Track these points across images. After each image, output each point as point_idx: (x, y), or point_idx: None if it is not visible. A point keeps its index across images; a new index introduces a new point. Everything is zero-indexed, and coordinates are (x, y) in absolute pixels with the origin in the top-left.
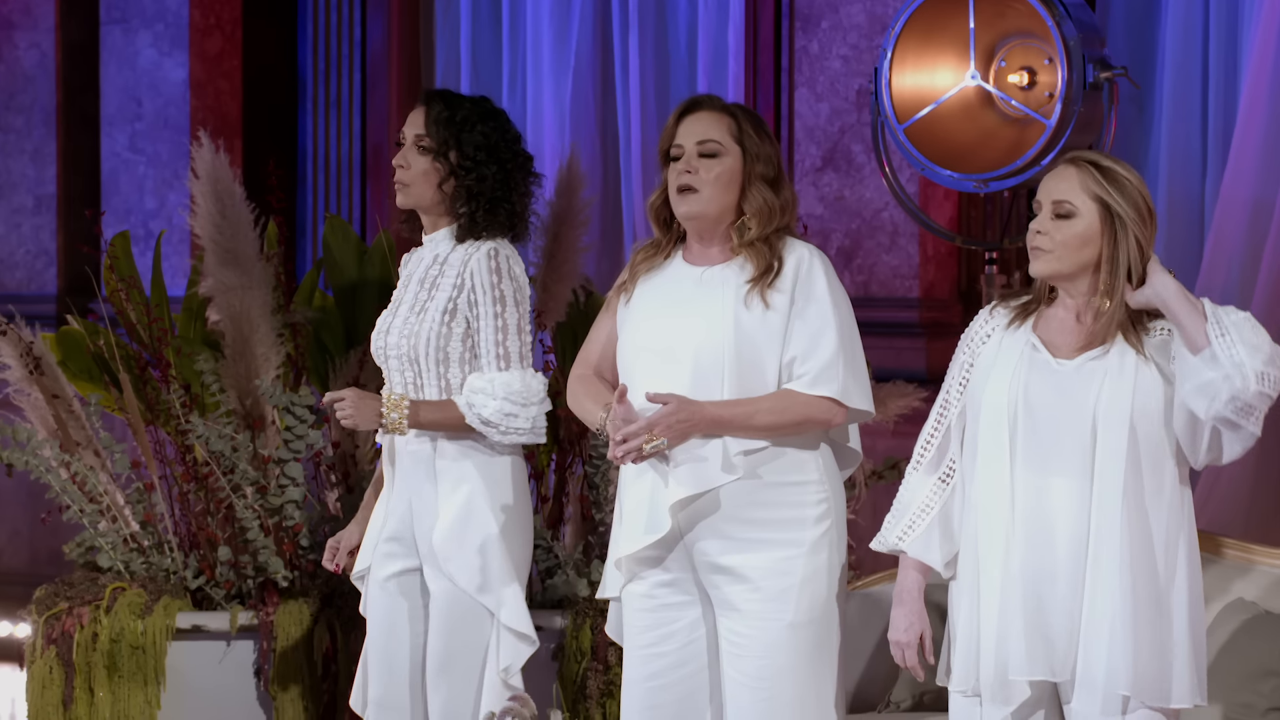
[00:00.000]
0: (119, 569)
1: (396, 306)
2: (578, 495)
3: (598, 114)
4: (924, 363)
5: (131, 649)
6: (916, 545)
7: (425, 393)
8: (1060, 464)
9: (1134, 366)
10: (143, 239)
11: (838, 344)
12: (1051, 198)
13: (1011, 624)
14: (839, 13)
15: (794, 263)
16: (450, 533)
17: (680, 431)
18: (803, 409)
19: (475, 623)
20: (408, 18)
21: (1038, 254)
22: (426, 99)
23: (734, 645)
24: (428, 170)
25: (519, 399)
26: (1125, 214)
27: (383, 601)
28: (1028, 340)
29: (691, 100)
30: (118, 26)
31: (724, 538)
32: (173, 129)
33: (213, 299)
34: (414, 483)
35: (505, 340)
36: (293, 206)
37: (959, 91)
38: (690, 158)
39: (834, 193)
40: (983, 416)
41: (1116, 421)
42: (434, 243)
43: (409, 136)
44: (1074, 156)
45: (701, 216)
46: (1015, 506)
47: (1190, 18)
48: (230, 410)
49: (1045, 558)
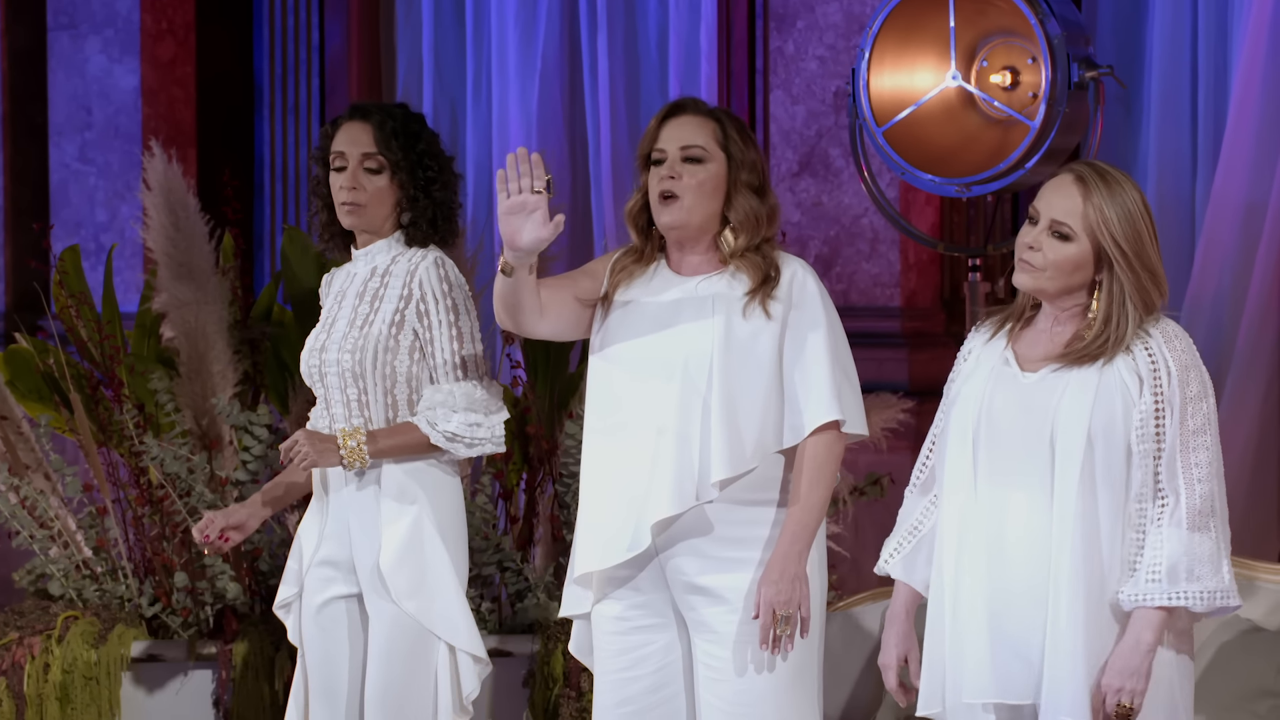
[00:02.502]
0: (71, 597)
1: (329, 324)
2: (548, 515)
3: (565, 118)
4: (906, 374)
5: (85, 680)
6: (899, 567)
7: (371, 410)
8: (1020, 479)
9: (1097, 379)
10: (93, 253)
11: (835, 369)
12: (1052, 215)
13: (970, 645)
14: (815, 12)
15: (789, 277)
16: (398, 557)
17: (797, 594)
18: (831, 461)
19: (422, 651)
20: (367, 20)
21: (1026, 268)
22: (360, 114)
23: (711, 669)
24: (383, 190)
25: (482, 408)
26: (1116, 258)
27: (318, 630)
28: (1001, 354)
29: (675, 103)
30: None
31: (701, 556)
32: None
33: (167, 315)
34: (353, 505)
35: (460, 349)
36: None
37: (939, 93)
38: (673, 163)
39: (811, 198)
40: (950, 433)
41: (1074, 435)
42: (369, 256)
43: (352, 156)
44: (1082, 174)
45: (684, 226)
46: (977, 523)
47: (1179, 14)
48: (186, 430)
49: (1004, 576)
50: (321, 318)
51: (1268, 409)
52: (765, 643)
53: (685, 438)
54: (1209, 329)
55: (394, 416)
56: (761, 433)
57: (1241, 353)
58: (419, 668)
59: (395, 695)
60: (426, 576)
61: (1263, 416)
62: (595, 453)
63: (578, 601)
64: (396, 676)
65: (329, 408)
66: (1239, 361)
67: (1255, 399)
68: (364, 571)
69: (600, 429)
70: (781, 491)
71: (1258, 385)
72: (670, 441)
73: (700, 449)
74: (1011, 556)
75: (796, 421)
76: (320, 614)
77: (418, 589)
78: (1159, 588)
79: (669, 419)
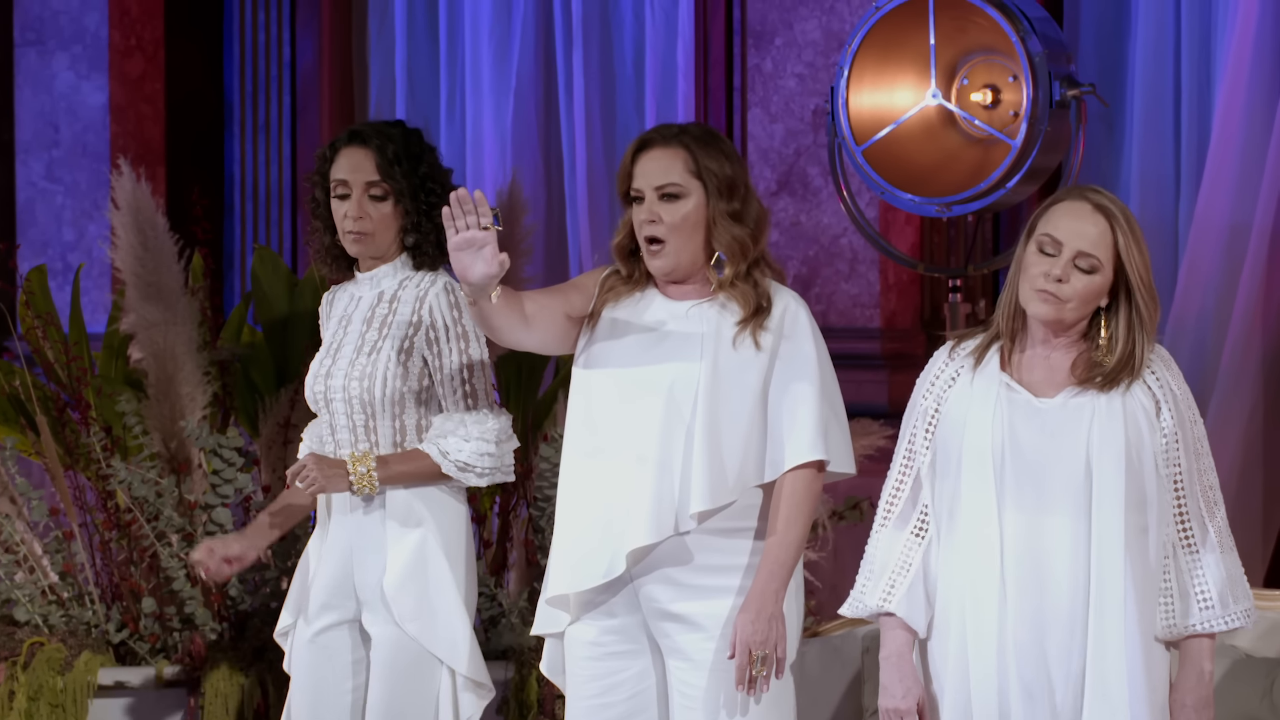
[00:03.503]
0: (37, 622)
1: (333, 348)
2: (522, 540)
3: (540, 137)
4: (886, 396)
5: (51, 707)
6: (903, 606)
7: (378, 436)
8: (1054, 506)
9: (1121, 403)
10: (60, 273)
11: (823, 405)
12: (1079, 246)
13: (1009, 678)
14: (793, 29)
15: (780, 310)
16: (403, 579)
17: (774, 634)
18: (809, 498)
19: (425, 673)
20: (339, 37)
21: (1049, 300)
22: (358, 139)
23: (685, 697)
24: (388, 216)
25: (493, 437)
26: (1138, 288)
27: (309, 658)
28: (1000, 380)
29: (642, 139)
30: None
31: (675, 584)
32: (92, 156)
33: (135, 336)
34: (357, 527)
35: (471, 378)
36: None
37: (919, 111)
38: (651, 204)
39: (790, 218)
40: (965, 464)
41: (1112, 458)
42: (375, 280)
43: (356, 184)
44: (1101, 204)
45: (677, 269)
46: (1005, 553)
47: (1161, 32)
48: (154, 453)
49: (1041, 605)
50: (325, 341)
51: (1252, 431)
52: (741, 683)
53: (666, 466)
54: (1193, 351)
55: (402, 442)
56: (744, 465)
57: (1225, 375)
58: (420, 689)
59: (395, 716)
60: (430, 599)
61: (1247, 439)
62: (574, 475)
63: (552, 620)
64: (397, 698)
65: (334, 433)
66: (1223, 384)
67: (1239, 421)
68: (366, 592)
69: (580, 451)
70: (759, 520)
71: (1242, 408)
72: (650, 470)
73: (681, 478)
74: (1050, 583)
75: (777, 456)
76: (313, 643)
77: (420, 611)
78: (1214, 614)
79: (650, 446)
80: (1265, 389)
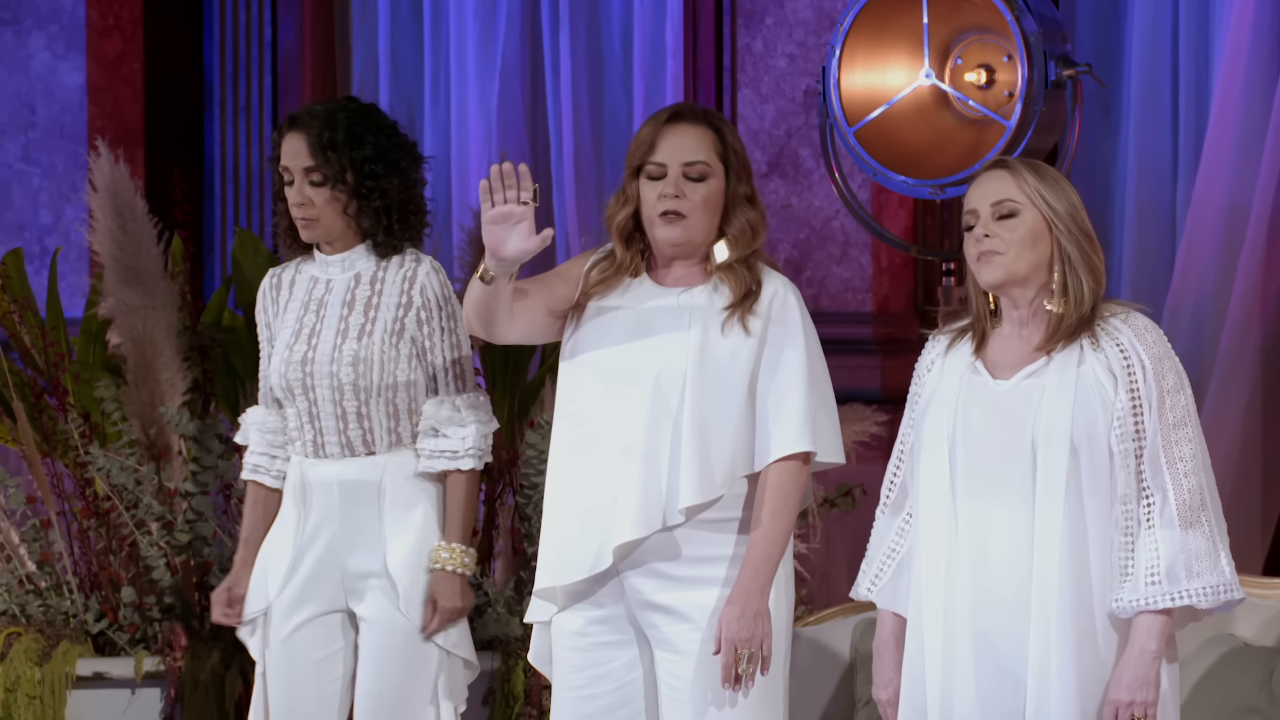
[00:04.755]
0: (14, 612)
1: (308, 333)
2: (508, 528)
3: (527, 119)
4: (879, 382)
5: (28, 699)
6: (884, 594)
7: (371, 421)
8: (1001, 491)
9: (1074, 382)
10: (37, 256)
11: (811, 393)
12: (989, 200)
13: (956, 665)
14: (784, 8)
15: (770, 293)
16: (407, 561)
17: (759, 631)
18: (795, 489)
19: (423, 657)
20: (321, 17)
21: (989, 259)
22: (295, 124)
23: (673, 688)
24: (329, 201)
25: (486, 416)
26: (1055, 224)
27: (286, 653)
28: (969, 363)
29: (673, 111)
30: (8, 28)
31: (658, 576)
32: (69, 138)
33: (113, 320)
34: (344, 515)
35: (460, 359)
36: (199, 220)
37: (912, 91)
38: (676, 180)
39: (780, 200)
40: (923, 448)
41: (1056, 443)
42: (346, 262)
43: (295, 170)
44: (1000, 160)
45: (688, 244)
46: (957, 540)
47: (1159, 11)
48: (133, 440)
49: (988, 592)
50: (292, 327)
51: (1250, 417)
52: (727, 680)
53: (653, 460)
54: (1190, 335)
55: (394, 425)
56: (733, 458)
57: (1224, 360)
58: (423, 674)
59: (399, 705)
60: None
61: (1245, 425)
62: (561, 467)
63: (541, 610)
64: (393, 681)
65: (315, 420)
66: (1221, 369)
67: (1238, 407)
68: (357, 580)
69: (567, 442)
70: (745, 510)
71: (1240, 393)
72: (637, 463)
73: (669, 472)
74: (995, 571)
75: (763, 447)
76: (290, 639)
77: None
78: (1160, 589)
79: (636, 439)
80: (1264, 373)
